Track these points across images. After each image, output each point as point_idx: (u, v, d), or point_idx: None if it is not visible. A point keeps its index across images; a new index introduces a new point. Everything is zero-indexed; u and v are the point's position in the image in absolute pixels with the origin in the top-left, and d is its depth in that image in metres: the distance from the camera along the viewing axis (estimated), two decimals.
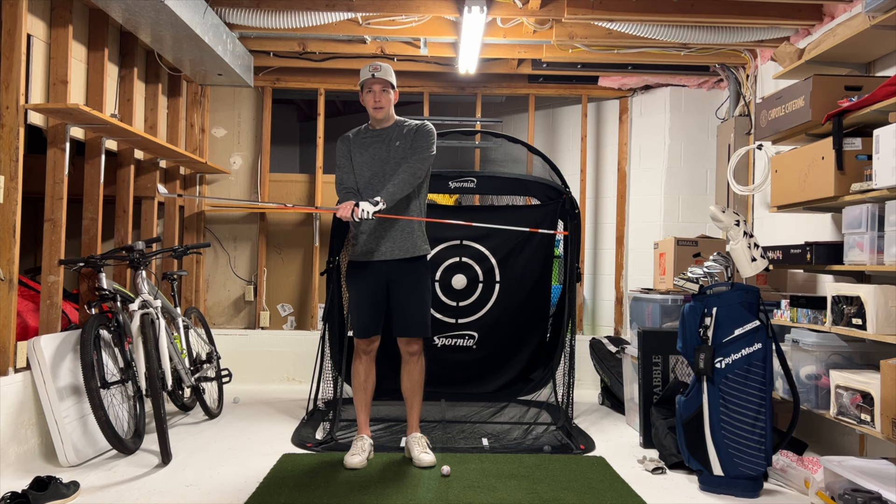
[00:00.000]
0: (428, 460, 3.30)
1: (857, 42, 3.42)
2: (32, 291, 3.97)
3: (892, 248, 2.85)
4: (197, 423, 4.12)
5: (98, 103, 3.89)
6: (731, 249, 3.36)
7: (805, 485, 3.00)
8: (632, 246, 5.55)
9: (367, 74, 3.35)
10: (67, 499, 2.77)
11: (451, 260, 4.49)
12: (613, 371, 4.61)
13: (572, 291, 4.24)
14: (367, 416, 3.48)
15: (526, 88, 5.65)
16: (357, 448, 3.34)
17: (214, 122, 5.66)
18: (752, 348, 3.03)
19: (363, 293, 3.40)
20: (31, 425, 3.25)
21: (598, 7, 4.09)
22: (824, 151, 3.27)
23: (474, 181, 4.40)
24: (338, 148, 3.48)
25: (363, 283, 3.40)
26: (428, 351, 4.41)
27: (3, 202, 3.19)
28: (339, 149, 3.47)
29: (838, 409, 3.08)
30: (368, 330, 3.41)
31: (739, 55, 4.75)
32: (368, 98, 3.37)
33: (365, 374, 3.46)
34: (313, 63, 5.28)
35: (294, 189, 5.70)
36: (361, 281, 3.41)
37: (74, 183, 3.79)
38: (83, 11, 3.85)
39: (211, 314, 5.61)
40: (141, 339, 3.44)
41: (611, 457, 3.54)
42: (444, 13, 4.26)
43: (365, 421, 3.47)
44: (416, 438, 3.42)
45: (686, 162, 5.40)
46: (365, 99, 3.39)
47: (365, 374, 3.46)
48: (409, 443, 3.42)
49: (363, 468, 3.27)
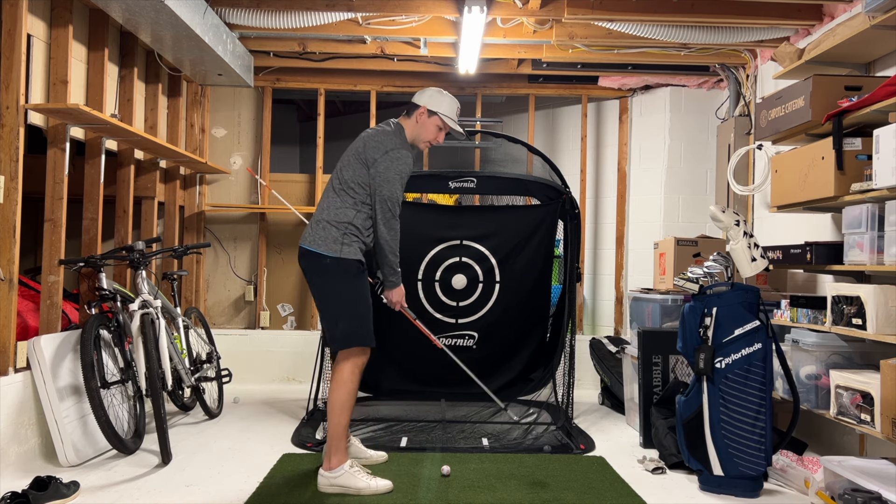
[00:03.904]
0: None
1: (857, 42, 3.42)
2: (32, 291, 3.97)
3: (892, 248, 2.85)
4: (197, 423, 4.12)
5: (98, 103, 3.89)
6: (731, 249, 3.36)
7: (805, 485, 3.00)
8: (632, 246, 5.55)
9: (456, 117, 3.27)
10: (67, 499, 2.77)
11: (451, 260, 4.49)
12: (613, 371, 4.61)
13: (572, 291, 4.23)
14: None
15: (526, 88, 5.65)
16: (362, 469, 3.09)
17: (214, 122, 5.66)
18: (752, 348, 3.03)
19: (367, 296, 3.11)
20: (31, 425, 3.25)
21: (598, 7, 4.09)
22: (824, 151, 3.27)
23: (474, 181, 4.40)
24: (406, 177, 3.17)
25: (365, 287, 3.11)
26: (428, 351, 4.44)
27: (3, 202, 3.19)
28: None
29: (838, 409, 3.08)
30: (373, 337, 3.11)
31: (739, 55, 4.75)
32: (440, 136, 3.28)
33: None
34: (313, 63, 5.28)
35: (294, 189, 5.70)
36: (364, 284, 3.10)
37: (74, 183, 3.79)
38: (83, 11, 3.86)
39: (211, 314, 5.61)
40: (141, 339, 3.44)
41: (611, 457, 3.54)
42: (444, 13, 4.26)
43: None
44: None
45: (686, 162, 5.40)
46: (438, 136, 3.26)
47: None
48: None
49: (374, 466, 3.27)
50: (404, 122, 3.25)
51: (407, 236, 4.15)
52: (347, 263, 3.03)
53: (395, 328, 4.28)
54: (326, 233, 3.04)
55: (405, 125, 3.24)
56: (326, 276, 3.05)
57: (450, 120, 3.24)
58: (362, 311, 3.05)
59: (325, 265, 3.03)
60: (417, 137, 3.24)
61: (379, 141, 3.13)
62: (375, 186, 3.06)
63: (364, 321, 3.05)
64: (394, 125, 3.24)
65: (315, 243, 3.05)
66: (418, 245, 4.45)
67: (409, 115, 3.25)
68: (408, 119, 3.25)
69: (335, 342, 3.08)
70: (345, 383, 3.02)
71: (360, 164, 3.11)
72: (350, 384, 3.03)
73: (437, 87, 3.28)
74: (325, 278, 3.06)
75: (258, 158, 5.65)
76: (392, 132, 3.19)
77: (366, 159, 3.10)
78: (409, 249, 4.31)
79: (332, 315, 3.08)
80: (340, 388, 3.02)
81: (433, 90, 3.27)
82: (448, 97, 3.26)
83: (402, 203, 3.15)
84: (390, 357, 4.46)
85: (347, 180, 3.10)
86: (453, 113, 3.26)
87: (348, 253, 3.03)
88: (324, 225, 3.06)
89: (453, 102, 3.27)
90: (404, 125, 3.24)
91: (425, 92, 3.27)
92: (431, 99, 3.23)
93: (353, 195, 3.08)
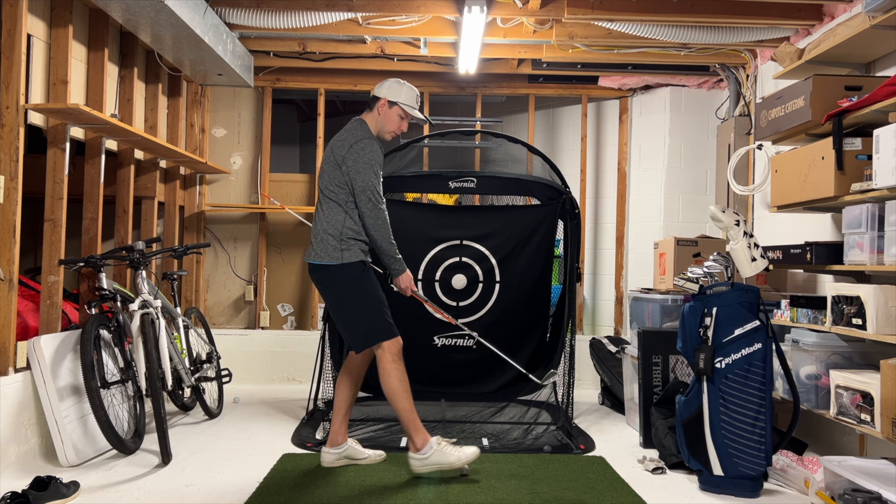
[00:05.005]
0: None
1: (857, 42, 3.42)
2: (32, 291, 3.97)
3: (892, 248, 2.85)
4: (197, 423, 4.12)
5: (98, 103, 3.89)
6: (731, 249, 3.36)
7: (805, 485, 3.00)
8: (632, 246, 5.55)
9: (417, 105, 3.34)
10: (67, 499, 2.77)
11: (451, 260, 4.49)
12: (613, 371, 4.61)
13: (572, 291, 4.23)
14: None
15: (526, 88, 5.65)
16: (447, 442, 3.20)
17: (214, 122, 5.66)
18: (752, 348, 3.03)
19: (380, 292, 3.19)
20: (31, 425, 3.25)
21: (598, 7, 4.09)
22: (824, 151, 3.27)
23: (474, 181, 4.40)
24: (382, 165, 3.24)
25: (374, 284, 3.20)
26: (428, 351, 4.44)
27: (3, 202, 3.19)
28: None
29: (838, 409, 3.08)
30: (394, 328, 3.20)
31: (739, 55, 4.75)
32: (403, 125, 3.34)
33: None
34: (313, 63, 5.29)
35: (294, 189, 5.70)
36: (372, 281, 3.20)
37: (74, 183, 3.79)
38: (83, 11, 3.86)
39: (211, 314, 5.61)
40: (141, 339, 3.44)
41: (611, 457, 3.54)
42: (444, 13, 4.26)
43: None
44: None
45: (686, 162, 5.41)
46: (401, 125, 3.33)
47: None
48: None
49: (372, 465, 3.30)
50: (366, 117, 3.35)
51: (407, 236, 4.17)
52: (351, 267, 3.15)
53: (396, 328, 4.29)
54: (325, 244, 3.17)
55: (367, 119, 3.33)
56: (336, 284, 3.19)
57: (410, 108, 3.33)
58: (377, 308, 3.17)
59: (333, 275, 3.17)
60: (381, 129, 3.33)
61: (342, 139, 3.25)
62: (351, 181, 3.15)
63: (380, 316, 3.17)
64: (355, 121, 3.34)
65: (318, 256, 3.18)
66: (418, 245, 4.45)
67: (371, 109, 3.35)
68: (370, 112, 3.35)
69: (359, 343, 3.20)
70: (390, 373, 3.14)
71: (332, 166, 3.21)
72: (395, 371, 3.14)
73: (395, 79, 3.37)
74: (336, 287, 3.20)
75: (258, 158, 5.65)
76: (354, 127, 3.29)
77: (335, 160, 3.21)
78: (410, 249, 4.30)
79: (350, 320, 3.22)
80: (388, 379, 3.14)
81: (391, 81, 3.36)
82: (406, 86, 3.35)
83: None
84: None
85: (327, 185, 3.22)
86: (413, 101, 3.35)
87: (349, 257, 3.15)
88: (322, 237, 3.19)
89: (412, 91, 3.36)
90: (367, 119, 3.33)
91: (384, 84, 3.36)
92: (390, 90, 3.32)
93: (335, 198, 3.19)
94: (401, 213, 4.29)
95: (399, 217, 4.08)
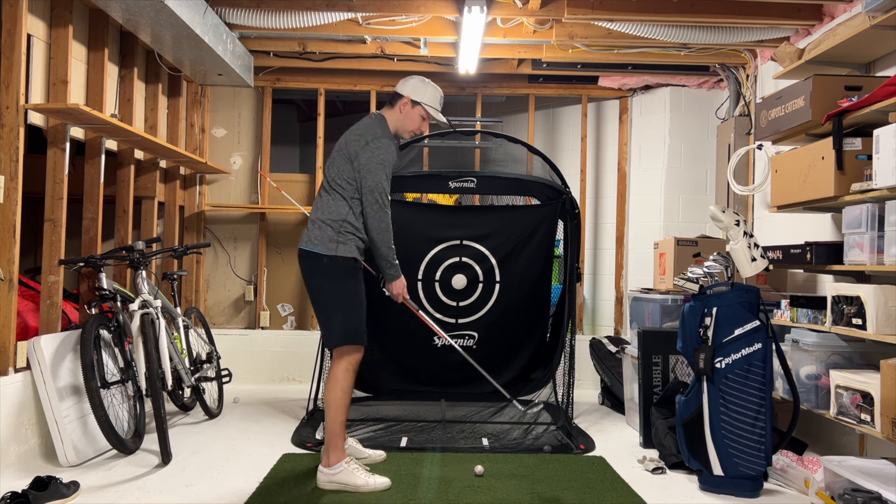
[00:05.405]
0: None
1: (857, 42, 3.42)
2: (32, 291, 3.97)
3: (892, 248, 2.85)
4: (197, 423, 4.12)
5: (98, 103, 3.89)
6: (731, 249, 3.36)
7: (805, 485, 3.00)
8: (632, 246, 5.55)
9: (440, 106, 3.25)
10: (67, 499, 2.77)
11: (451, 260, 4.49)
12: (613, 371, 4.61)
13: (572, 291, 4.23)
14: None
15: (526, 88, 5.65)
16: (361, 466, 3.10)
17: (214, 122, 5.65)
18: (752, 348, 3.03)
19: (362, 294, 3.12)
20: (31, 425, 3.25)
21: (598, 7, 4.09)
22: (824, 151, 3.27)
23: (474, 181, 4.40)
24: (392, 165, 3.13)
25: (360, 285, 3.11)
26: (428, 351, 4.44)
27: (3, 202, 3.19)
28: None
29: (838, 409, 3.08)
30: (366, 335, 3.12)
31: (739, 55, 4.75)
32: (424, 126, 3.26)
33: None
34: (313, 63, 5.28)
35: (294, 189, 5.70)
36: (359, 282, 3.10)
37: (74, 183, 3.79)
38: (83, 11, 3.85)
39: (211, 314, 5.61)
40: (141, 339, 3.44)
41: (611, 457, 3.54)
42: (444, 13, 4.26)
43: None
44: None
45: (686, 162, 5.40)
46: (421, 125, 3.24)
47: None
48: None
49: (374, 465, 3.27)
50: (387, 113, 3.21)
51: (407, 236, 4.17)
52: (343, 262, 3.03)
53: (396, 327, 4.29)
54: (322, 232, 3.04)
55: (388, 115, 3.21)
56: (324, 275, 3.05)
57: (433, 110, 3.23)
58: (358, 310, 3.06)
59: (323, 264, 3.03)
60: (401, 128, 3.22)
61: (359, 134, 3.12)
62: (360, 179, 3.04)
63: (360, 319, 3.06)
64: (374, 116, 3.21)
65: (312, 243, 3.05)
66: (418, 245, 4.45)
67: (392, 106, 3.22)
68: (391, 109, 3.21)
69: (331, 341, 3.09)
70: (339, 381, 3.03)
71: (344, 159, 3.09)
72: (344, 382, 3.04)
73: (420, 77, 3.25)
74: (323, 278, 3.06)
75: (258, 158, 5.65)
76: (372, 123, 3.16)
77: (348, 154, 3.08)
78: (409, 249, 4.31)
79: (329, 314, 3.08)
80: (335, 386, 3.03)
81: (416, 79, 3.24)
82: (431, 86, 3.24)
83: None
84: (391, 357, 4.47)
85: (334, 177, 3.09)
86: (437, 102, 3.25)
87: (343, 251, 3.02)
88: (319, 224, 3.06)
89: (436, 91, 3.25)
90: (387, 115, 3.21)
91: (408, 81, 3.24)
92: (415, 89, 3.21)
93: (341, 192, 3.07)
94: (401, 213, 4.27)
95: (399, 217, 4.06)
